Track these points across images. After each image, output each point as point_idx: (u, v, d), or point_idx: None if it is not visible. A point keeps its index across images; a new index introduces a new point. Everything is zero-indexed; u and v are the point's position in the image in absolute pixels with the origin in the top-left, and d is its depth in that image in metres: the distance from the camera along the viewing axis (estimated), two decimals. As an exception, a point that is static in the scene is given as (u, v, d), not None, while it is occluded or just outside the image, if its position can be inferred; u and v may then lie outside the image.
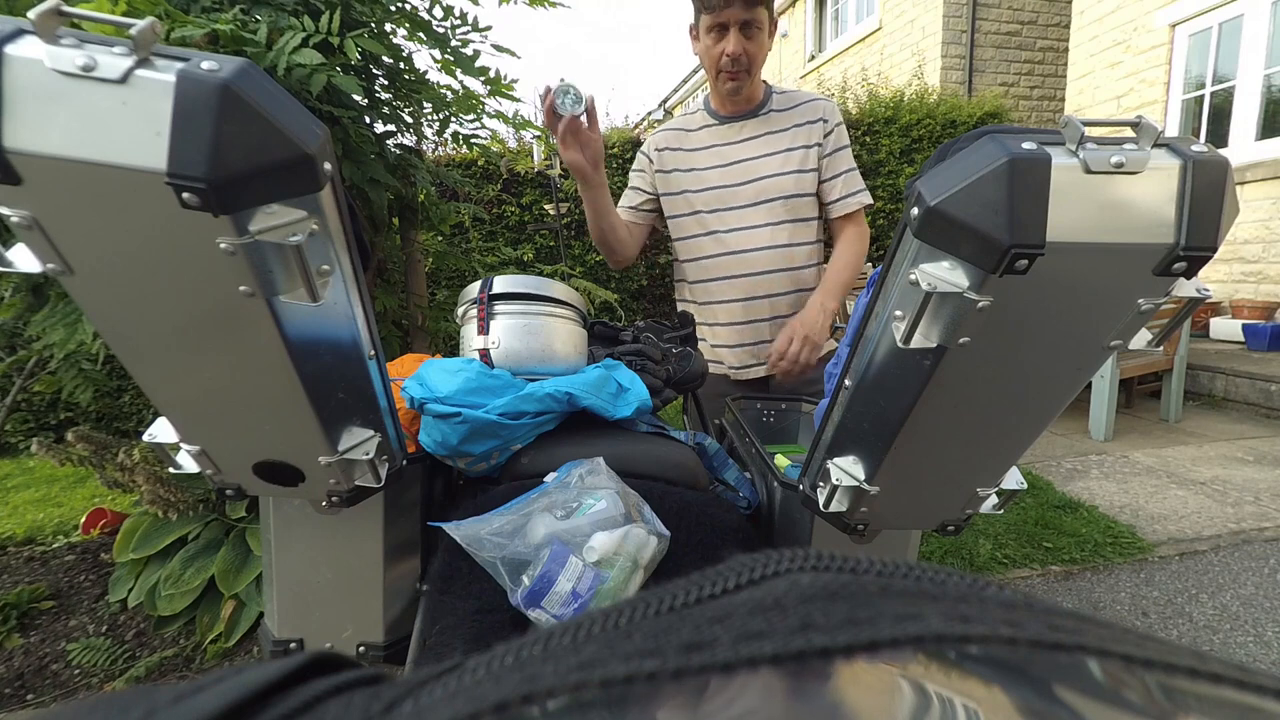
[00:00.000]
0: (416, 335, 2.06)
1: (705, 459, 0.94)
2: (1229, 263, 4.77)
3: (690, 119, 1.46)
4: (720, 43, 1.26)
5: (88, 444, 1.82)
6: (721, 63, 1.27)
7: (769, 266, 1.39)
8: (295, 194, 0.46)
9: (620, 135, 4.91)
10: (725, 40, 1.25)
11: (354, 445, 0.65)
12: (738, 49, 1.24)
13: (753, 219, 1.38)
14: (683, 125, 1.45)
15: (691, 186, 1.41)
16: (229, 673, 0.16)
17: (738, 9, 1.21)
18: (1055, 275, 0.47)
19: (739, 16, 1.22)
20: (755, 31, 1.25)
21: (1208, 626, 1.81)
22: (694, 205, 1.41)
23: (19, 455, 3.57)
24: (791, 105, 1.39)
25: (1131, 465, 2.99)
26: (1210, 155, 0.46)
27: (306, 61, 1.24)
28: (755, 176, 1.38)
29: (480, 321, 0.87)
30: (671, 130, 1.46)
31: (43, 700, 1.58)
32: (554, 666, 0.15)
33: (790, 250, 1.39)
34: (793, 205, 1.38)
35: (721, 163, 1.40)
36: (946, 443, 0.63)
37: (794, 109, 1.38)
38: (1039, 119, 7.65)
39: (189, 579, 1.69)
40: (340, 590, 0.84)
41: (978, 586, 0.18)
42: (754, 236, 1.38)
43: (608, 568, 0.65)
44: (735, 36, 1.24)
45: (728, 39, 1.24)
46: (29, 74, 0.39)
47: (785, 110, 1.39)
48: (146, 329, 0.53)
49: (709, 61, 1.30)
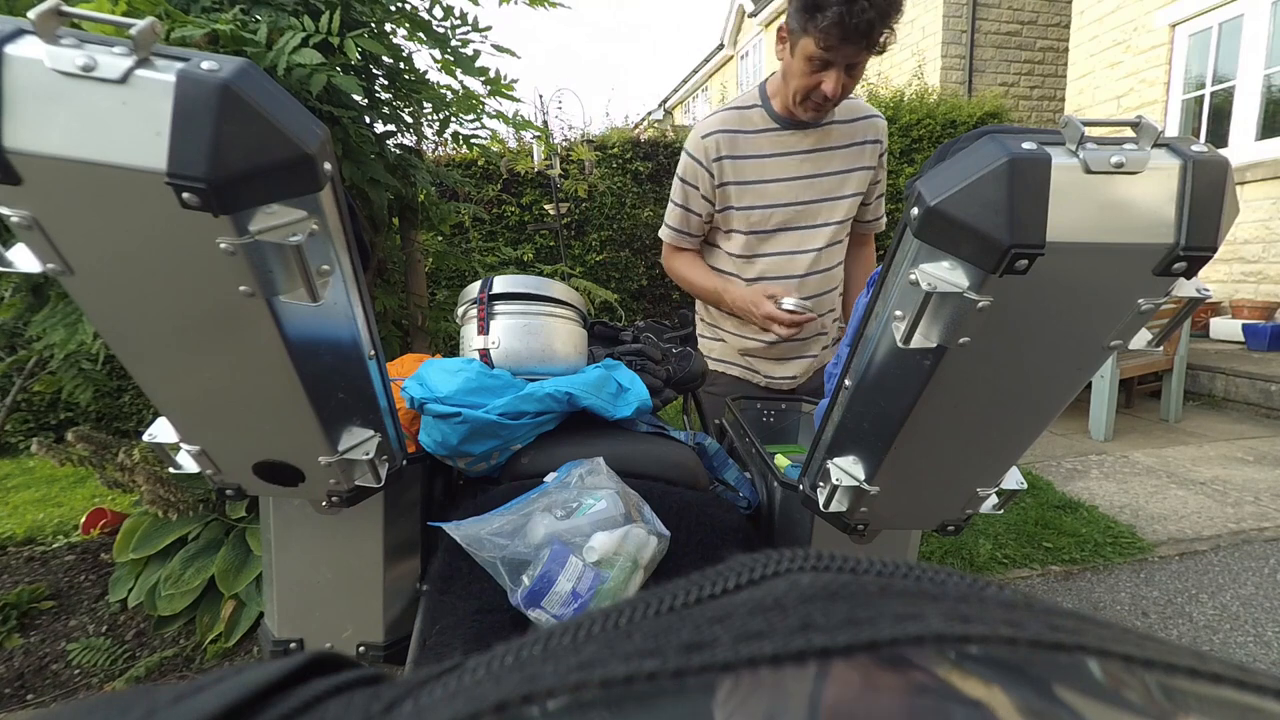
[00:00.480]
0: (416, 335, 2.06)
1: (705, 459, 0.94)
2: (1229, 263, 4.77)
3: (747, 116, 1.27)
4: (818, 74, 1.12)
5: (88, 444, 1.82)
6: (814, 95, 1.15)
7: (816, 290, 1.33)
8: (295, 194, 0.46)
9: (620, 135, 4.91)
10: (826, 76, 1.12)
11: (354, 445, 0.65)
12: (837, 90, 1.13)
13: (809, 242, 1.30)
14: (738, 125, 1.26)
15: (756, 203, 1.28)
16: (229, 673, 0.16)
17: (853, 50, 1.08)
18: (1055, 275, 0.47)
19: (849, 58, 1.10)
20: (858, 69, 1.14)
21: (1208, 626, 1.81)
22: (751, 224, 1.29)
23: (19, 455, 3.56)
24: (852, 119, 1.28)
25: (1131, 465, 2.99)
26: (1210, 155, 0.46)
27: (306, 61, 1.24)
28: (818, 197, 1.29)
29: (480, 321, 0.87)
30: (726, 133, 1.26)
31: (43, 700, 1.58)
32: (554, 666, 0.15)
33: (833, 273, 1.35)
34: (846, 229, 1.33)
35: (783, 176, 1.27)
36: (946, 443, 0.63)
37: (854, 123, 1.28)
38: (1039, 119, 7.65)
39: (189, 579, 1.69)
40: (340, 590, 0.84)
41: (978, 586, 0.18)
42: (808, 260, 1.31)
43: (608, 568, 0.65)
44: (837, 76, 1.11)
45: (829, 76, 1.11)
46: (29, 74, 0.39)
47: (847, 123, 1.28)
48: (146, 329, 0.53)
49: (798, 86, 1.16)
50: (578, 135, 4.98)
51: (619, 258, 4.91)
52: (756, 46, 12.10)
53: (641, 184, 4.89)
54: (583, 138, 4.93)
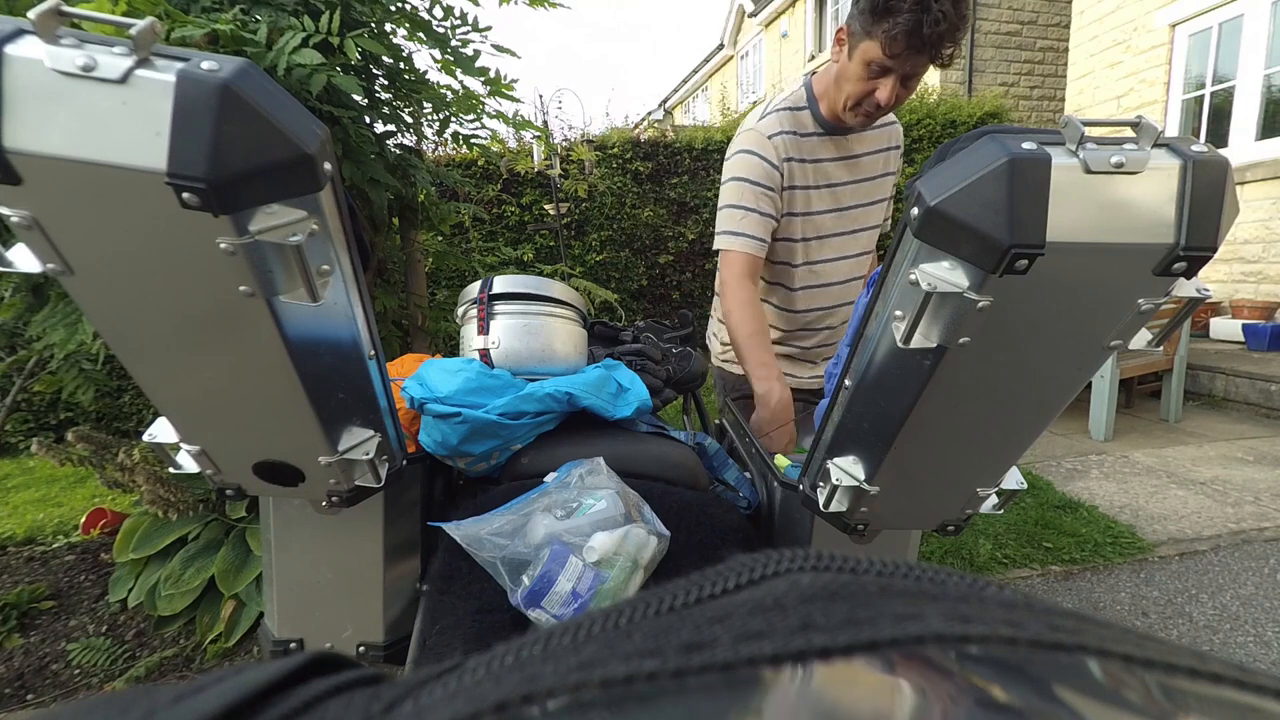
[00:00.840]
0: (416, 335, 2.06)
1: (705, 459, 0.94)
2: (1229, 263, 4.77)
3: (798, 118, 1.23)
4: (875, 81, 1.10)
5: (88, 444, 1.82)
6: (866, 103, 1.13)
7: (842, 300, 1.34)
8: (295, 194, 0.46)
9: (620, 135, 4.92)
10: (883, 83, 1.09)
11: (354, 445, 0.65)
12: (891, 99, 1.10)
13: (848, 248, 1.31)
14: (794, 127, 1.22)
15: (814, 208, 1.26)
16: (229, 673, 0.16)
17: (913, 62, 1.06)
18: (1055, 275, 0.47)
19: (913, 69, 1.08)
20: (914, 81, 1.12)
21: (1208, 626, 1.81)
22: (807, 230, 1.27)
23: (19, 455, 3.57)
24: (877, 125, 1.27)
25: (1131, 465, 2.99)
26: (1210, 155, 0.46)
27: (306, 61, 1.24)
28: (858, 202, 1.29)
29: (480, 321, 0.87)
30: (788, 135, 1.21)
31: (43, 700, 1.58)
32: (554, 666, 0.15)
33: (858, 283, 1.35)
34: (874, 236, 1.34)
35: (826, 182, 1.25)
36: (946, 443, 0.63)
37: (880, 130, 1.28)
38: (1039, 119, 7.65)
39: (189, 579, 1.69)
40: (340, 590, 0.84)
41: (978, 586, 0.18)
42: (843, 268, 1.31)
43: (608, 568, 0.65)
44: (893, 85, 1.09)
45: (885, 83, 1.09)
46: (29, 74, 0.39)
47: (874, 130, 1.27)
48: (146, 329, 0.53)
49: (852, 92, 1.13)
50: (578, 135, 4.98)
51: (619, 258, 4.91)
52: (756, 46, 12.10)
53: (641, 184, 4.89)
54: (583, 138, 4.94)
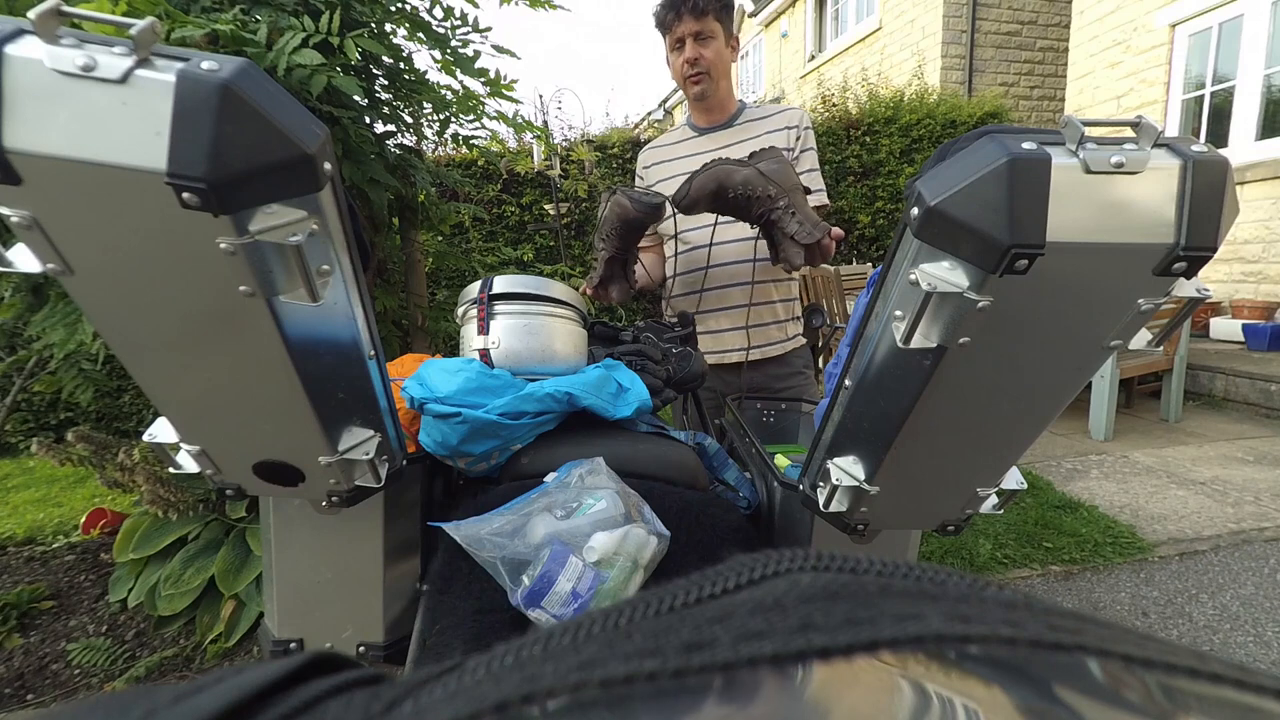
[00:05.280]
0: (416, 335, 2.06)
1: (705, 459, 0.94)
2: (1229, 263, 4.77)
3: (673, 134, 1.59)
4: (680, 54, 1.40)
5: (88, 444, 1.82)
6: (683, 70, 1.41)
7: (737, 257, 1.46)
8: (295, 194, 0.46)
9: (620, 135, 4.92)
10: (686, 50, 1.39)
11: (354, 445, 0.65)
12: (693, 54, 1.39)
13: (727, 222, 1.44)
14: (665, 140, 1.58)
15: None
16: (229, 673, 0.16)
17: (687, 23, 1.36)
18: (1055, 275, 0.47)
19: (690, 29, 1.37)
20: (709, 40, 1.39)
21: (1208, 626, 1.81)
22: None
23: (19, 455, 3.57)
24: (764, 115, 1.49)
25: (1131, 465, 2.99)
26: (1210, 155, 0.46)
27: (306, 62, 1.24)
28: None
29: (480, 321, 0.87)
30: (656, 147, 1.59)
31: (43, 700, 1.58)
32: (554, 666, 0.15)
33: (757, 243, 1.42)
34: None
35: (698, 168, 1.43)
36: (946, 443, 0.63)
37: (767, 118, 1.48)
38: (1039, 119, 7.65)
39: (189, 579, 1.69)
40: (340, 590, 0.84)
41: (978, 586, 0.18)
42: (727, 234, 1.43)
43: (608, 568, 0.65)
44: (690, 45, 1.39)
45: (686, 48, 1.39)
46: (29, 74, 0.39)
47: (758, 119, 1.49)
48: (146, 329, 0.53)
49: (677, 75, 1.44)
50: (578, 135, 4.98)
51: (619, 258, 4.89)
52: (756, 46, 12.09)
53: (641, 184, 4.89)
54: (583, 138, 4.94)
